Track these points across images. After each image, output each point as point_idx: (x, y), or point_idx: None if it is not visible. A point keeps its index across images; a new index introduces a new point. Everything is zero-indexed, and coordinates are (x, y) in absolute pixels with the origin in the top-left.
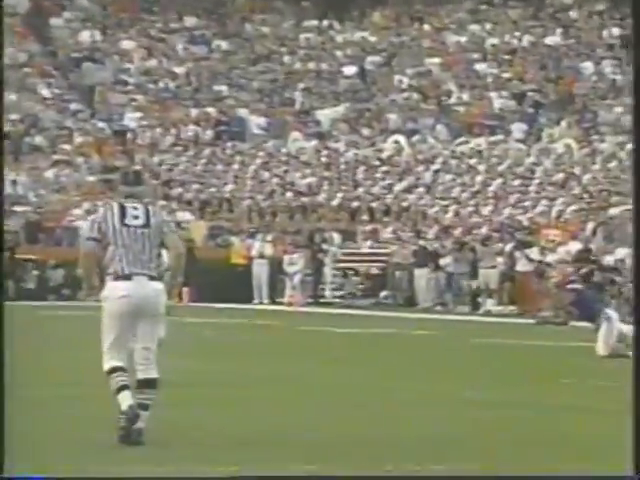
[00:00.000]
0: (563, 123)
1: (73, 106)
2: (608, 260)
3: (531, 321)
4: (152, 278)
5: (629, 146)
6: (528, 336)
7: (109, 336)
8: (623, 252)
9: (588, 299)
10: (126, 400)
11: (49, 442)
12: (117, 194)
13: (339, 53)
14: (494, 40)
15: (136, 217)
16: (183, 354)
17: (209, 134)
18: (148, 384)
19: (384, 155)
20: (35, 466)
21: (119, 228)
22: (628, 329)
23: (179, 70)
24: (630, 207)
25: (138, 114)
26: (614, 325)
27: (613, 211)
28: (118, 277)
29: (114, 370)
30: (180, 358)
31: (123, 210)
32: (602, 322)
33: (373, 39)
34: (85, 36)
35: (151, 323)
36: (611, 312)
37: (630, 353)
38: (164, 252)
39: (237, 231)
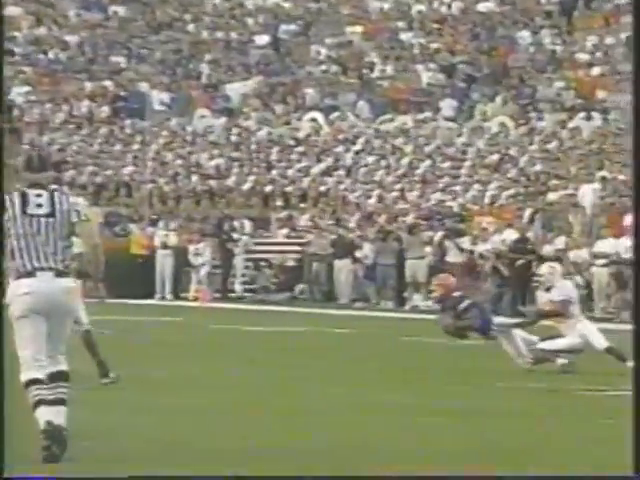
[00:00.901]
0: (498, 99)
1: None
2: (547, 250)
3: None
4: (60, 274)
5: (571, 124)
6: None
7: (20, 341)
8: (563, 241)
9: (480, 313)
10: (44, 416)
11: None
12: (19, 181)
13: (250, 21)
14: (421, 7)
15: (40, 205)
16: (78, 356)
17: (105, 110)
18: (60, 377)
19: (300, 134)
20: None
21: (20, 218)
22: (527, 335)
23: (71, 39)
24: (571, 192)
25: (26, 88)
26: (512, 334)
27: (552, 196)
28: (20, 275)
29: (31, 383)
30: (76, 360)
31: (25, 198)
32: (497, 335)
33: (287, 5)
34: None
35: (60, 323)
36: (501, 321)
37: (541, 345)
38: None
39: (137, 218)
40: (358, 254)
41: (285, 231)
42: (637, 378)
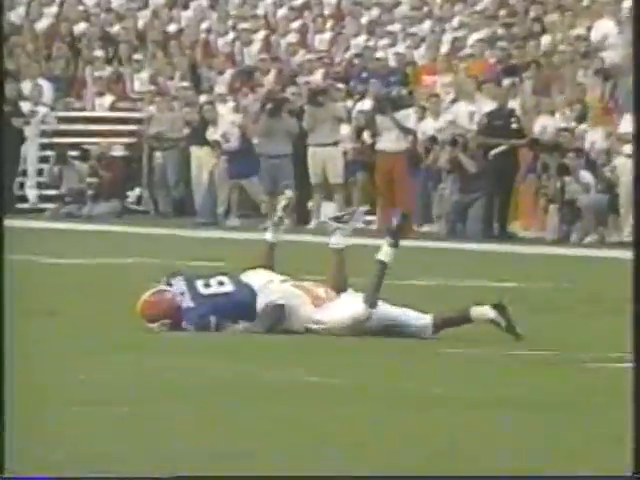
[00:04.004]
0: None
1: None
2: (543, 127)
3: None
4: None
5: None
6: None
7: None
8: (570, 116)
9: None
10: None
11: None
12: None
13: None
14: None
15: None
16: None
17: None
18: None
19: None
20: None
21: None
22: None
23: None
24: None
25: None
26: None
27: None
28: None
29: None
30: None
31: None
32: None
33: None
34: None
35: None
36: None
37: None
38: None
39: None
40: (215, 135)
41: (109, 98)
42: (637, 377)
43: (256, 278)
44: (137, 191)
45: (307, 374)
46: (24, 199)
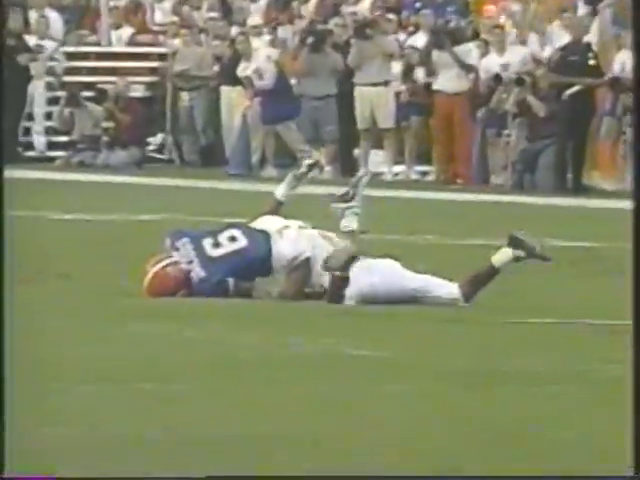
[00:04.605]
0: None
1: None
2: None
3: None
4: None
5: None
6: None
7: None
8: None
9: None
10: None
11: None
12: None
13: None
14: None
15: None
16: None
17: None
18: None
19: None
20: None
21: None
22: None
23: None
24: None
25: None
26: None
27: None
28: None
29: None
30: None
31: None
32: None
33: None
34: None
35: None
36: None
37: None
38: None
39: None
40: (248, 71)
41: (127, 31)
42: (637, 376)
43: (270, 224)
44: (160, 137)
45: (349, 346)
46: (30, 146)
